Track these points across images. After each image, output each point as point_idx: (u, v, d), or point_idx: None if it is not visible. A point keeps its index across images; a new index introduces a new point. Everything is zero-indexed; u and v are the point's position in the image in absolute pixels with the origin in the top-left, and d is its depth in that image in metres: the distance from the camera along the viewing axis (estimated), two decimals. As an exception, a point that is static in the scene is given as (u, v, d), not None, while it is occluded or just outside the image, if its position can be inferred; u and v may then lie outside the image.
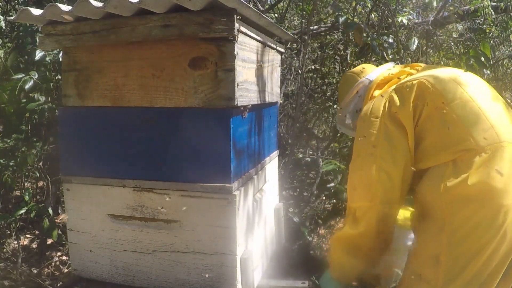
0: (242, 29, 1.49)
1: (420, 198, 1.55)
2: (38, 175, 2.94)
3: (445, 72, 1.62)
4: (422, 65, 1.82)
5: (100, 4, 1.45)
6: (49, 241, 2.88)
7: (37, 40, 2.03)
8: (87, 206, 1.67)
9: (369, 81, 1.81)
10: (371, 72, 1.86)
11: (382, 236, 1.58)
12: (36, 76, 2.60)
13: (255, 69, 1.72)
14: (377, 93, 1.74)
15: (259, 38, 1.73)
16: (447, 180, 1.42)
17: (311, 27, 3.06)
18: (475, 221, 1.39)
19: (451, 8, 3.11)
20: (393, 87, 1.65)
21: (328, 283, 1.73)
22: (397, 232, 1.68)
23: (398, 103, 1.56)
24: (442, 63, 3.46)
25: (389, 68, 1.84)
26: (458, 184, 1.41)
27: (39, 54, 2.57)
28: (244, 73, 1.57)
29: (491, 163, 1.40)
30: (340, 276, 1.69)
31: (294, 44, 3.45)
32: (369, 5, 3.09)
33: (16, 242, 2.83)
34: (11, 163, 2.73)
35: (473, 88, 1.54)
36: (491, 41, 3.06)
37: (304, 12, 3.48)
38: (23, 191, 3.04)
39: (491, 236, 1.38)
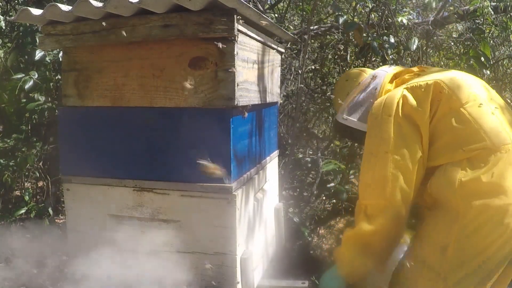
0: (242, 29, 1.49)
1: (433, 193, 1.57)
2: (38, 175, 2.94)
3: (455, 74, 1.65)
4: (427, 67, 1.85)
5: (100, 4, 1.45)
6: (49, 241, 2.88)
7: (37, 40, 2.03)
8: (87, 206, 1.67)
9: (385, 72, 1.81)
10: (380, 68, 1.89)
11: (394, 235, 1.60)
12: (36, 76, 2.60)
13: (255, 69, 1.72)
14: (389, 86, 1.74)
15: (259, 38, 1.73)
16: (463, 176, 1.48)
17: (311, 27, 3.06)
18: (486, 217, 1.45)
19: (451, 8, 3.11)
20: (404, 85, 1.65)
21: (332, 281, 1.72)
22: None
23: (413, 103, 1.57)
24: (442, 63, 3.47)
25: (396, 67, 1.88)
26: (473, 180, 1.47)
27: (39, 54, 2.57)
28: (244, 73, 1.57)
29: (504, 163, 1.47)
30: (349, 274, 1.69)
31: (294, 44, 3.45)
32: (369, 5, 3.09)
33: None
34: (11, 163, 2.73)
35: (479, 90, 1.60)
36: (491, 41, 3.06)
37: (304, 12, 3.48)
38: (23, 191, 3.04)
39: (499, 233, 1.45)
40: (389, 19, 2.99)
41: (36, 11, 1.51)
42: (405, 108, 1.57)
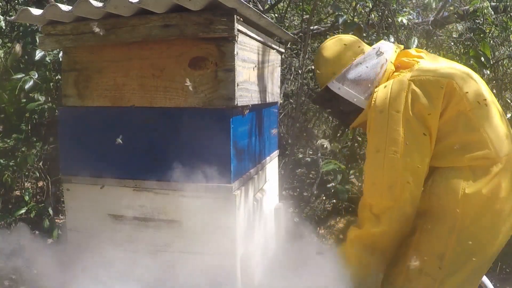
0: (242, 29, 1.49)
1: (432, 200, 1.56)
2: (38, 175, 2.94)
3: (465, 72, 1.59)
4: (426, 52, 1.74)
5: (100, 4, 1.45)
6: (49, 241, 2.88)
7: (37, 40, 2.03)
8: (87, 206, 1.67)
9: (390, 49, 1.70)
10: (382, 43, 1.77)
11: (400, 236, 1.59)
12: (36, 76, 2.60)
13: (255, 69, 1.72)
14: (392, 67, 1.66)
15: (259, 38, 1.73)
16: (466, 187, 1.48)
17: (311, 27, 3.06)
18: (481, 224, 1.48)
19: (451, 8, 3.12)
20: (409, 75, 1.56)
21: None
22: None
23: (424, 101, 1.50)
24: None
25: (397, 46, 1.77)
26: (475, 193, 1.48)
27: (39, 54, 2.57)
28: (244, 73, 1.57)
29: (503, 174, 1.49)
30: (354, 273, 1.66)
31: (294, 44, 3.45)
32: (369, 5, 3.09)
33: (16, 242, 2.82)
34: (11, 163, 2.73)
35: (486, 93, 1.58)
36: (491, 41, 3.07)
37: (304, 12, 3.48)
38: (23, 191, 3.04)
39: (490, 237, 1.51)
40: (389, 19, 2.99)
41: (36, 11, 1.51)
42: (415, 105, 1.51)
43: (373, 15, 3.30)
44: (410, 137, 1.50)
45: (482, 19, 2.86)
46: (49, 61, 2.67)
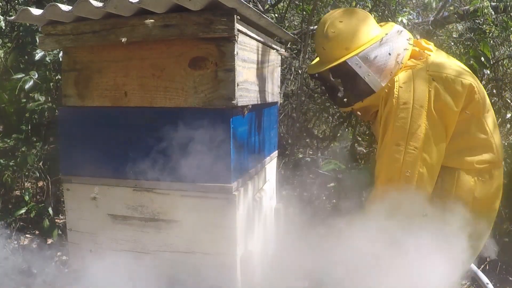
0: (242, 29, 1.49)
1: (440, 196, 1.58)
2: (38, 175, 2.94)
3: (472, 73, 1.62)
4: (433, 45, 1.72)
5: (100, 4, 1.45)
6: (49, 241, 2.88)
7: (37, 40, 2.03)
8: (87, 206, 1.67)
9: (408, 35, 1.66)
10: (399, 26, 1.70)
11: None
12: (36, 76, 2.60)
13: (255, 69, 1.72)
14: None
15: (259, 38, 1.73)
16: (475, 191, 1.55)
17: (311, 27, 3.06)
18: (483, 223, 1.59)
19: (451, 8, 3.12)
20: (425, 69, 1.55)
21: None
22: None
23: (446, 98, 1.50)
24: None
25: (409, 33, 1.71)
26: (483, 196, 1.56)
27: (39, 54, 2.57)
28: (244, 73, 1.57)
29: (500, 177, 1.59)
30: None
31: (294, 44, 3.45)
32: (369, 5, 3.09)
33: (16, 242, 2.83)
34: (11, 163, 2.73)
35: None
36: (491, 41, 3.06)
37: (304, 12, 3.48)
38: (23, 191, 3.04)
39: (488, 233, 1.64)
40: (389, 19, 2.99)
41: (36, 11, 1.51)
42: (437, 102, 1.50)
43: (373, 15, 3.29)
44: (431, 134, 1.49)
45: (482, 19, 2.86)
46: (49, 61, 2.67)
